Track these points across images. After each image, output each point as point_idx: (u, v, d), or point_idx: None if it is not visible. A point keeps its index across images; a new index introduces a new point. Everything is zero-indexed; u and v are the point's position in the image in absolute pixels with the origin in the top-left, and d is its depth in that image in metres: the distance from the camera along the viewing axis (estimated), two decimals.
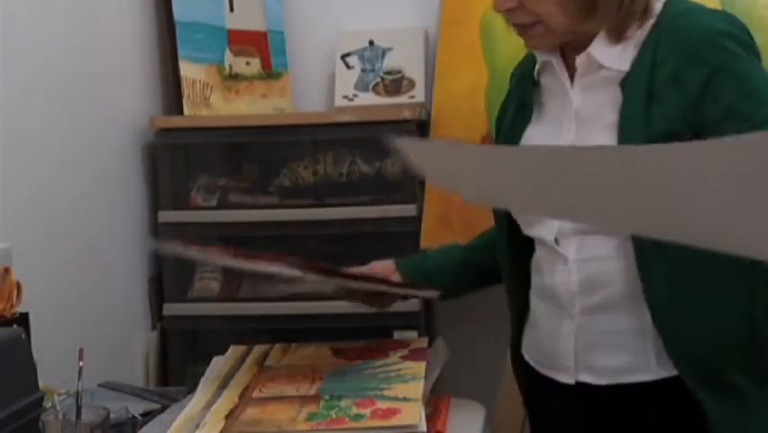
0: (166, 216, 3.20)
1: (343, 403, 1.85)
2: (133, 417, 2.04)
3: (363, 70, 3.42)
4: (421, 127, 3.19)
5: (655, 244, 1.87)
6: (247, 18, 3.41)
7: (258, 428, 1.77)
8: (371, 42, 3.44)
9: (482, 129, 3.10)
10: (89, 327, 2.81)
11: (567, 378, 1.99)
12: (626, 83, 1.96)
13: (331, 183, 3.26)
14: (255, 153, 3.32)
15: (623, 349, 1.97)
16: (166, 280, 3.24)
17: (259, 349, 2.19)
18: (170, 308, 3.22)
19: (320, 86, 3.52)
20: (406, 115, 3.16)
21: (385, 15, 3.47)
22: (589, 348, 1.99)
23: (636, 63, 1.96)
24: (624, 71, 1.96)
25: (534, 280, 2.12)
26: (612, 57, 1.98)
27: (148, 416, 2.07)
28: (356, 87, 3.41)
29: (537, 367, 2.11)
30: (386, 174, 3.23)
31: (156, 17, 3.31)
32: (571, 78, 2.03)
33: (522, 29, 2.00)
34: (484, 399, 2.28)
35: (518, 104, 2.16)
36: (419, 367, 2.04)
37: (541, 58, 2.07)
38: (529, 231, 2.08)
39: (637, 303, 1.94)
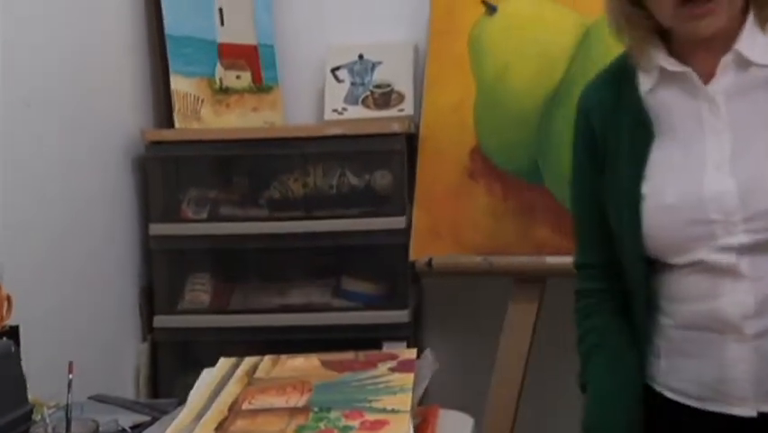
0: (157, 228, 3.20)
1: (332, 415, 1.83)
2: (123, 429, 2.03)
3: (353, 84, 3.42)
4: (410, 140, 3.19)
5: None
6: (237, 32, 3.42)
7: None
8: (361, 56, 3.45)
9: (470, 142, 3.10)
10: (80, 339, 2.80)
11: (746, 410, 1.84)
12: None
13: (321, 196, 3.26)
14: (245, 166, 3.32)
15: None
16: (157, 292, 3.24)
17: (249, 361, 2.17)
18: (161, 320, 3.22)
19: (310, 99, 3.53)
20: (396, 128, 3.18)
21: (374, 29, 3.48)
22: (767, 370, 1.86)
23: None
24: None
25: (680, 308, 1.94)
26: (762, 51, 1.85)
27: (138, 428, 2.05)
28: (346, 100, 3.41)
29: (694, 403, 1.91)
30: (375, 187, 3.23)
31: (147, 31, 3.31)
32: None
33: (699, 6, 1.78)
34: (472, 410, 2.26)
35: (634, 124, 1.94)
36: (407, 379, 2.01)
37: (673, 69, 1.89)
38: (693, 257, 1.88)
39: None
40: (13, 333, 2.21)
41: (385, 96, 3.40)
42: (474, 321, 3.30)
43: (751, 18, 1.84)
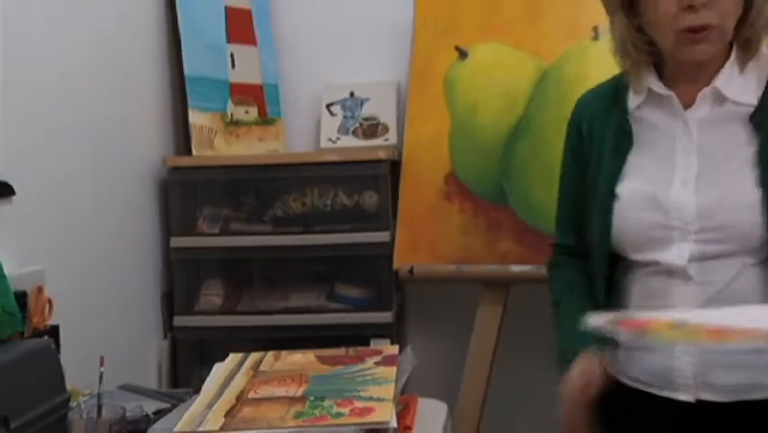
0: (176, 241, 3.20)
1: (326, 403, 1.83)
2: (147, 415, 2.03)
3: (345, 117, 3.43)
4: (393, 166, 3.19)
5: None
6: (246, 73, 3.42)
7: (252, 425, 1.75)
8: (352, 93, 3.46)
9: (446, 168, 3.10)
10: (110, 336, 2.80)
11: (688, 396, 1.86)
12: (763, 117, 1.85)
13: (317, 213, 3.25)
14: (252, 188, 3.31)
15: (741, 368, 1.85)
16: (176, 296, 3.23)
17: (254, 356, 2.17)
18: (180, 321, 3.22)
19: (308, 130, 3.53)
20: (381, 155, 3.17)
21: (363, 70, 3.48)
22: (709, 368, 1.85)
23: (765, 100, 1.87)
24: (752, 105, 1.87)
25: (636, 303, 1.95)
26: (737, 90, 1.87)
27: (159, 414, 2.05)
28: (339, 131, 3.42)
29: (645, 388, 1.92)
30: (364, 206, 3.22)
31: (169, 72, 3.31)
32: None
33: (697, 33, 1.80)
34: (446, 398, 2.27)
35: (618, 133, 1.96)
36: (390, 372, 2.01)
37: (660, 91, 1.91)
38: (651, 257, 1.91)
39: None
40: (53, 331, 2.23)
41: (372, 128, 3.40)
42: (449, 321, 3.29)
43: (732, 58, 1.87)
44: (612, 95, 2.02)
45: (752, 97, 1.87)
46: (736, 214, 1.85)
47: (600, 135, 2.00)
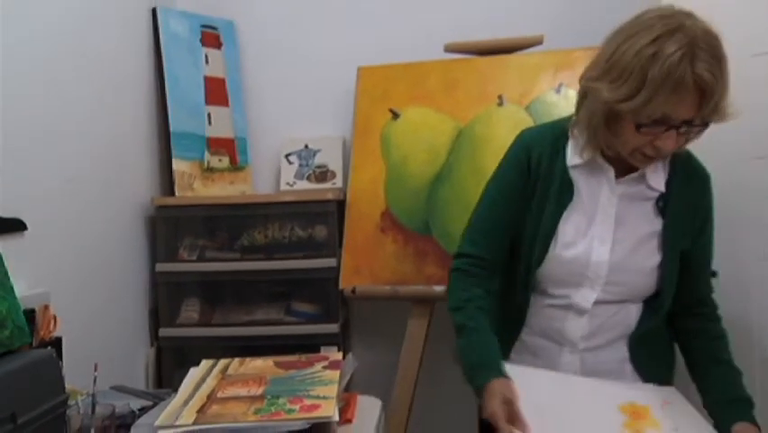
0: (161, 266, 3.17)
1: (281, 401, 1.83)
2: (133, 411, 2.01)
3: (300, 165, 3.42)
4: (340, 205, 3.18)
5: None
6: (220, 129, 3.41)
7: (220, 419, 1.74)
8: (306, 146, 3.45)
9: (382, 206, 3.09)
10: (105, 345, 2.77)
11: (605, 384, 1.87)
12: (666, 202, 1.88)
13: (277, 244, 3.23)
14: (224, 223, 3.29)
15: (612, 373, 1.92)
16: (161, 311, 3.19)
17: (223, 362, 2.15)
18: (164, 332, 3.18)
19: (270, 175, 3.52)
20: (330, 196, 3.17)
21: (316, 127, 3.49)
22: (588, 375, 1.91)
23: (670, 186, 1.89)
24: (660, 191, 1.88)
25: (538, 322, 1.97)
26: (656, 178, 1.88)
27: (143, 410, 2.03)
28: (295, 176, 3.41)
29: None
30: (315, 237, 3.21)
31: (157, 128, 3.29)
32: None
33: (651, 159, 1.79)
34: (381, 396, 2.25)
35: (562, 182, 1.90)
36: (335, 375, 2.00)
37: (603, 166, 1.87)
38: (565, 293, 1.91)
39: (620, 343, 1.93)
40: (57, 343, 2.20)
41: (322, 174, 3.40)
42: (385, 332, 3.29)
43: None
44: (555, 143, 1.93)
45: (661, 185, 1.89)
46: (637, 275, 1.89)
47: (547, 177, 1.92)
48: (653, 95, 1.63)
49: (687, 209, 1.89)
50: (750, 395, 1.85)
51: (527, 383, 1.76)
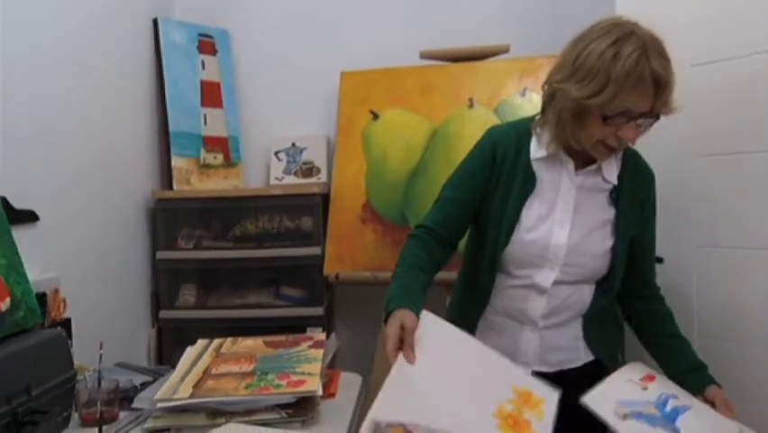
0: (161, 254, 3.18)
1: (270, 377, 1.84)
2: (135, 386, 2.03)
3: (288, 162, 3.43)
4: (324, 198, 3.18)
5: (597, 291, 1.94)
6: (215, 128, 3.40)
7: (214, 394, 1.75)
8: (294, 144, 3.46)
9: (363, 199, 3.10)
10: (112, 326, 2.78)
11: (525, 369, 1.88)
12: (618, 194, 1.91)
13: (267, 234, 3.23)
14: (219, 214, 3.29)
15: (567, 349, 1.96)
16: (161, 295, 3.20)
17: (217, 341, 2.16)
18: (164, 314, 3.19)
19: (261, 171, 3.52)
20: (315, 190, 3.17)
21: (303, 127, 3.49)
22: (546, 350, 1.95)
23: (621, 180, 1.91)
24: (613, 183, 1.91)
25: (501, 302, 1.98)
26: (610, 172, 1.91)
27: (144, 385, 2.05)
28: (284, 172, 3.42)
29: None
30: (302, 227, 3.21)
31: (158, 128, 3.29)
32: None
33: (612, 151, 1.81)
34: (362, 372, 2.27)
35: (525, 174, 1.92)
36: (319, 353, 2.01)
37: (564, 158, 1.89)
38: (527, 274, 1.93)
39: (576, 322, 1.97)
40: (67, 323, 2.22)
41: (309, 170, 3.41)
42: (365, 314, 3.29)
43: None
44: (519, 140, 1.95)
45: (614, 178, 1.92)
46: (592, 258, 1.92)
47: (511, 169, 1.93)
48: (618, 90, 1.68)
49: (634, 201, 1.93)
50: (702, 360, 1.91)
51: (435, 329, 1.71)
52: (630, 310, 2.04)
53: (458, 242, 1.99)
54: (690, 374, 1.88)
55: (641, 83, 1.67)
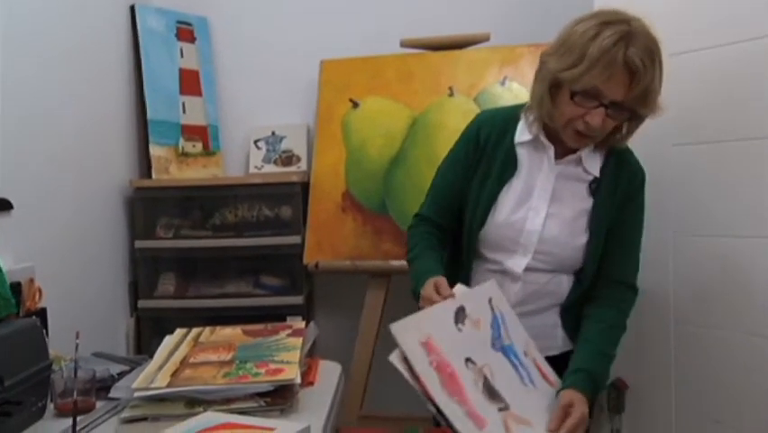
0: (140, 243, 3.17)
1: (248, 366, 1.84)
2: (112, 375, 2.02)
3: (267, 150, 3.42)
4: (304, 187, 3.18)
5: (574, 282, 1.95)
6: (194, 117, 3.39)
7: (191, 383, 1.75)
8: (273, 132, 3.45)
9: (342, 188, 3.10)
10: (90, 315, 2.77)
11: None
12: (598, 186, 1.91)
13: (246, 222, 3.22)
14: (198, 203, 3.27)
15: (544, 337, 1.94)
16: (140, 284, 3.19)
17: (195, 330, 2.16)
18: (143, 303, 3.18)
19: (240, 160, 3.51)
20: (295, 179, 3.17)
21: (282, 115, 3.48)
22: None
23: (603, 173, 1.92)
24: (594, 175, 1.92)
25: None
26: (592, 163, 1.92)
27: (122, 375, 2.04)
28: (263, 160, 3.41)
29: None
30: (281, 216, 3.21)
31: (136, 116, 3.27)
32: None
33: (587, 138, 1.85)
34: (342, 361, 2.26)
35: (506, 157, 1.96)
36: (297, 342, 2.01)
37: (545, 143, 1.92)
38: (499, 259, 1.95)
39: (553, 310, 1.97)
40: (42, 313, 2.21)
41: (288, 158, 3.40)
42: (345, 303, 3.30)
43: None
44: (505, 123, 1.99)
45: (596, 170, 1.93)
46: (566, 249, 1.93)
47: (493, 152, 1.97)
48: (589, 67, 1.72)
49: (614, 195, 1.93)
50: (589, 366, 1.84)
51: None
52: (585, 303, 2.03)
53: (451, 229, 2.05)
54: (570, 375, 1.84)
55: (612, 65, 1.70)
